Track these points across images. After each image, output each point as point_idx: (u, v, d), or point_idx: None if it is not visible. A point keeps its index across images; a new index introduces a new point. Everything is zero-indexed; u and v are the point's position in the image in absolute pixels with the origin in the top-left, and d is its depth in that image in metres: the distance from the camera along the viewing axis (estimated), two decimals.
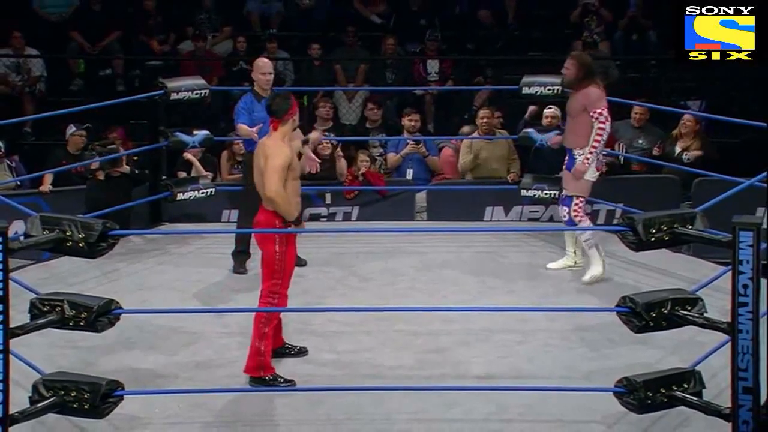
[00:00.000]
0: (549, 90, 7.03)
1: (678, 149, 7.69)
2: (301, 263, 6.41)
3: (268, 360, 4.79)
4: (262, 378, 4.76)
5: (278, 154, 4.71)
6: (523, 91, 7.09)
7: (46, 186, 7.25)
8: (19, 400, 4.15)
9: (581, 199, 6.03)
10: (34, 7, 9.65)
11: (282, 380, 4.78)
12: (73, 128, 7.52)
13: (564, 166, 6.17)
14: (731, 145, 8.42)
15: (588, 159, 5.91)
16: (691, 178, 7.32)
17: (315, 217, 7.59)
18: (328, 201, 7.61)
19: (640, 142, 7.84)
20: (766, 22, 4.88)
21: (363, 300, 5.81)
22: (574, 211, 6.02)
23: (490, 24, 9.95)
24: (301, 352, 5.11)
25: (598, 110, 5.90)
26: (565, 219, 6.09)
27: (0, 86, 9.05)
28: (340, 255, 6.58)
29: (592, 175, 6.00)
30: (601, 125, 5.89)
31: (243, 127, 6.09)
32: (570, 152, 6.07)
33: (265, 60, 6.41)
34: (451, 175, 7.86)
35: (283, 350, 5.05)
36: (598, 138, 5.90)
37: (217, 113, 8.65)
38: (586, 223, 6.09)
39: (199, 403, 4.59)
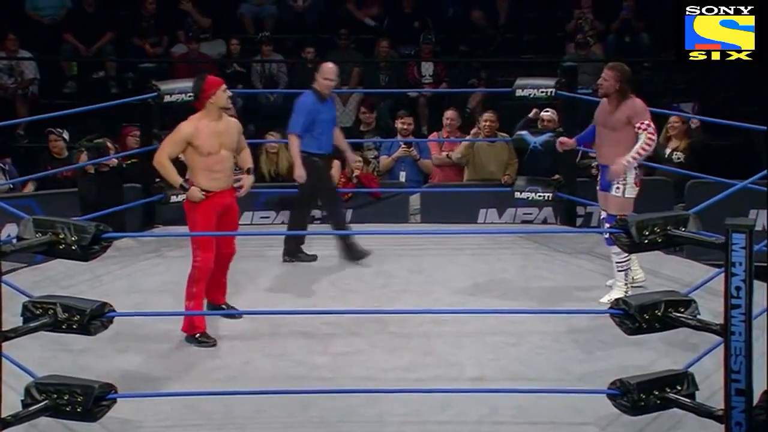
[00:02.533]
0: (542, 92, 7.04)
1: (668, 150, 7.69)
2: (311, 259, 6.52)
3: (198, 319, 5.22)
4: (193, 336, 5.20)
5: (178, 129, 5.23)
6: (517, 93, 7.10)
7: (29, 187, 7.26)
8: (11, 403, 4.13)
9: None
10: (26, 10, 9.63)
11: (207, 340, 5.20)
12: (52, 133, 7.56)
13: (598, 186, 5.83)
14: (723, 148, 8.44)
15: (629, 162, 5.56)
16: (683, 180, 7.33)
17: (309, 220, 7.58)
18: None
19: None
20: (766, 22, 4.87)
21: (356, 302, 5.80)
22: None
23: (483, 26, 9.96)
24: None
25: (646, 121, 5.59)
26: (606, 236, 5.63)
27: None
28: (334, 257, 6.57)
29: (633, 192, 5.65)
30: (651, 136, 5.59)
31: (293, 141, 6.35)
32: (606, 169, 5.70)
33: (331, 66, 6.47)
34: (437, 153, 7.84)
35: (218, 307, 5.45)
36: (646, 147, 5.56)
37: None
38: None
39: (192, 405, 4.58)
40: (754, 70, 8.37)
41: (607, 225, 5.75)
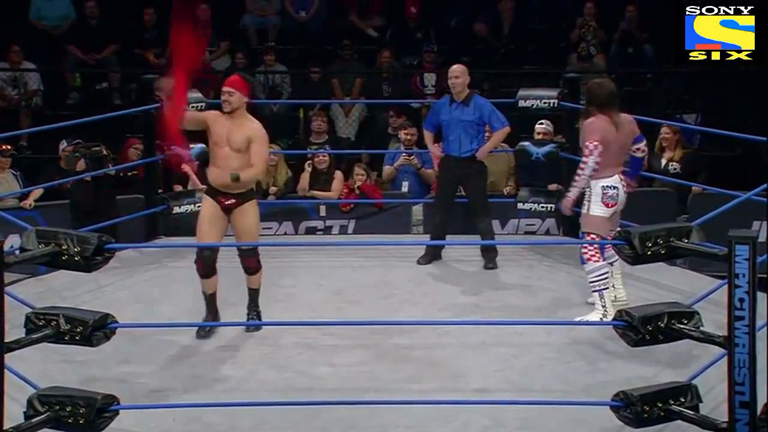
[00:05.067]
0: (545, 103, 7.04)
1: (664, 161, 7.69)
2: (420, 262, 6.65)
3: None
4: None
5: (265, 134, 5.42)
6: (520, 104, 7.11)
7: (30, 200, 7.27)
8: (14, 415, 4.12)
9: (592, 236, 5.42)
10: (31, 19, 9.65)
11: None
12: (65, 143, 7.57)
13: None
14: (727, 158, 8.44)
15: (570, 193, 5.46)
16: (682, 190, 7.34)
17: (311, 230, 7.60)
18: (324, 214, 7.61)
19: None
20: (766, 22, 4.86)
21: (359, 313, 5.80)
22: (583, 248, 5.47)
23: (486, 37, 9.98)
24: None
25: (587, 142, 5.37)
26: (579, 255, 5.60)
27: None
28: (336, 268, 6.57)
29: (599, 210, 5.42)
30: (584, 159, 5.33)
31: (427, 137, 6.80)
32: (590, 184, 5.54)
33: (453, 66, 6.70)
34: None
35: None
36: (579, 173, 5.36)
37: None
38: (596, 263, 5.46)
39: (195, 417, 4.57)
40: (757, 80, 8.39)
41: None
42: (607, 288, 5.52)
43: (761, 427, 3.73)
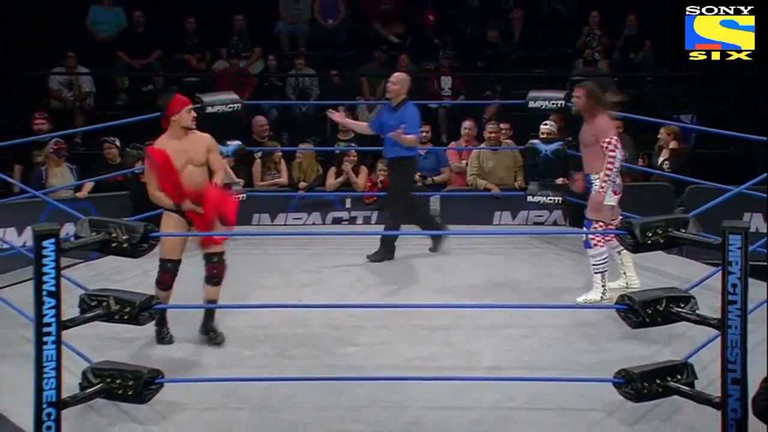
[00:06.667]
0: (553, 104, 7.03)
1: (660, 159, 7.66)
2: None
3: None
4: None
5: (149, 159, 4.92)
6: (530, 105, 7.09)
7: (84, 192, 7.35)
8: (70, 385, 4.18)
9: (600, 224, 5.48)
10: (87, 25, 9.74)
11: None
12: (107, 141, 7.67)
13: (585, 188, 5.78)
14: (720, 156, 8.39)
15: (602, 188, 5.44)
16: (678, 185, 7.31)
17: (337, 221, 7.61)
18: (349, 205, 7.63)
19: None
20: (766, 22, 4.72)
21: (381, 297, 5.81)
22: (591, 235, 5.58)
23: (498, 43, 9.96)
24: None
25: (607, 139, 5.40)
26: (584, 239, 5.67)
27: (54, 101, 9.18)
28: (360, 256, 6.58)
29: (609, 199, 5.47)
30: (612, 153, 5.35)
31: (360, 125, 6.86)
32: (588, 177, 5.60)
33: (396, 73, 6.65)
34: (456, 161, 7.85)
35: None
36: (610, 166, 5.38)
37: (250, 125, 8.67)
38: (600, 248, 5.55)
39: (232, 390, 4.61)
40: (751, 84, 8.31)
41: (585, 228, 5.60)
42: (607, 270, 5.60)
43: (761, 400, 3.71)
